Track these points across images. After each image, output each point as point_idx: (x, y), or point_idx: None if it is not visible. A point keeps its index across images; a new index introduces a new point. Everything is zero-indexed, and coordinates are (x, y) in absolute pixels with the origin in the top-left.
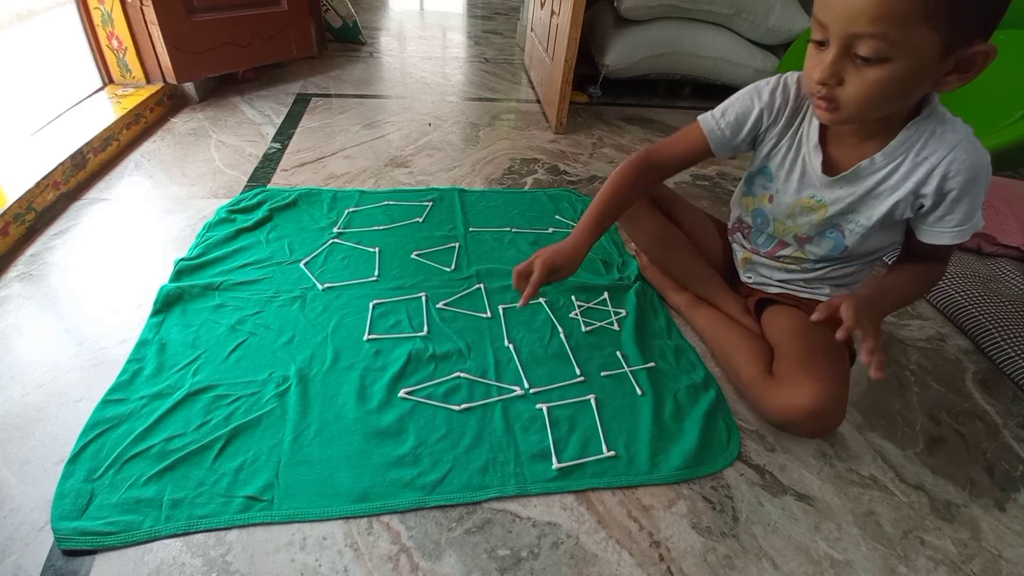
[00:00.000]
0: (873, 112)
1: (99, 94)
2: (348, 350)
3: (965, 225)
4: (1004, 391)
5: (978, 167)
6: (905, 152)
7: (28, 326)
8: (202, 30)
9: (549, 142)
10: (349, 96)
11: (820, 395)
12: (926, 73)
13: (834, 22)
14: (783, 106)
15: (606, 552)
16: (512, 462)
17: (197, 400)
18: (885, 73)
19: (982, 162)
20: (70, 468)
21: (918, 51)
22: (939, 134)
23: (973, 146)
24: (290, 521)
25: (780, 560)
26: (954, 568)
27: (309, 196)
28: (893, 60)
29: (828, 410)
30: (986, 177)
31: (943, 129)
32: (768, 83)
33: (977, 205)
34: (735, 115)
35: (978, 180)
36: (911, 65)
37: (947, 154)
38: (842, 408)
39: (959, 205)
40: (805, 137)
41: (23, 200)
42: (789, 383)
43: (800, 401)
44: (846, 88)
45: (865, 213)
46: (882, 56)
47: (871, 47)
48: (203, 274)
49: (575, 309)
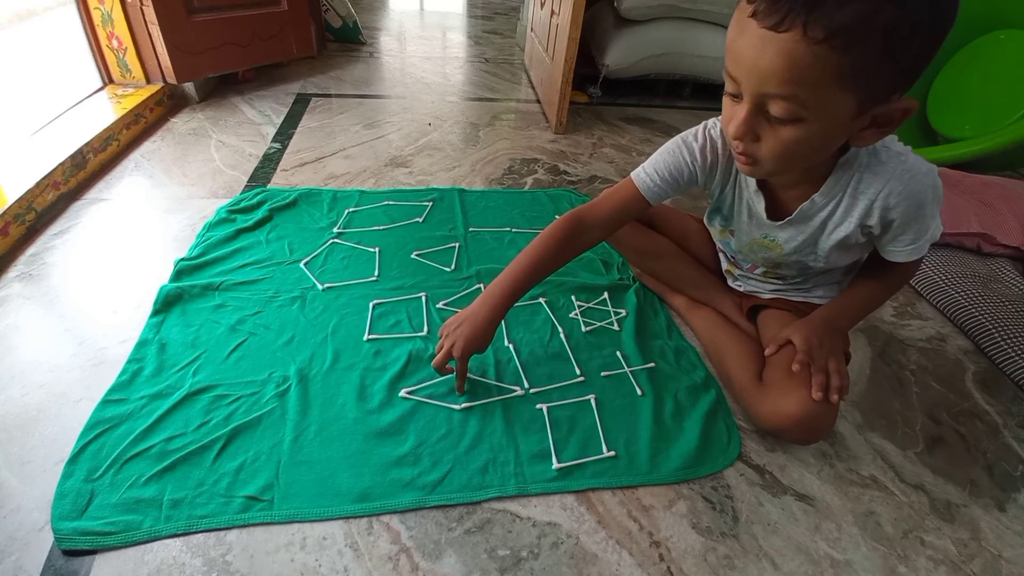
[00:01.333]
0: (791, 167)
1: (99, 94)
2: (348, 350)
3: (919, 242)
4: (1004, 391)
5: (917, 193)
6: (842, 189)
7: (28, 326)
8: (202, 30)
9: (549, 142)
10: (349, 96)
11: (808, 403)
12: (841, 130)
13: (745, 80)
14: (715, 163)
15: (606, 552)
16: (512, 462)
17: (197, 400)
18: (799, 133)
19: (921, 186)
20: (70, 468)
21: (831, 112)
22: (872, 167)
23: (909, 174)
24: (290, 521)
25: (780, 560)
26: (954, 568)
27: (309, 196)
28: (806, 120)
29: (816, 417)
30: (932, 198)
31: (875, 162)
32: (696, 139)
33: (927, 225)
34: (668, 172)
35: (922, 204)
36: (825, 125)
37: (882, 188)
38: (831, 415)
39: (908, 229)
40: (744, 183)
41: (23, 200)
42: (778, 390)
43: (788, 409)
44: (762, 145)
45: (820, 246)
46: (795, 117)
47: (783, 108)
48: (203, 274)
49: (575, 309)
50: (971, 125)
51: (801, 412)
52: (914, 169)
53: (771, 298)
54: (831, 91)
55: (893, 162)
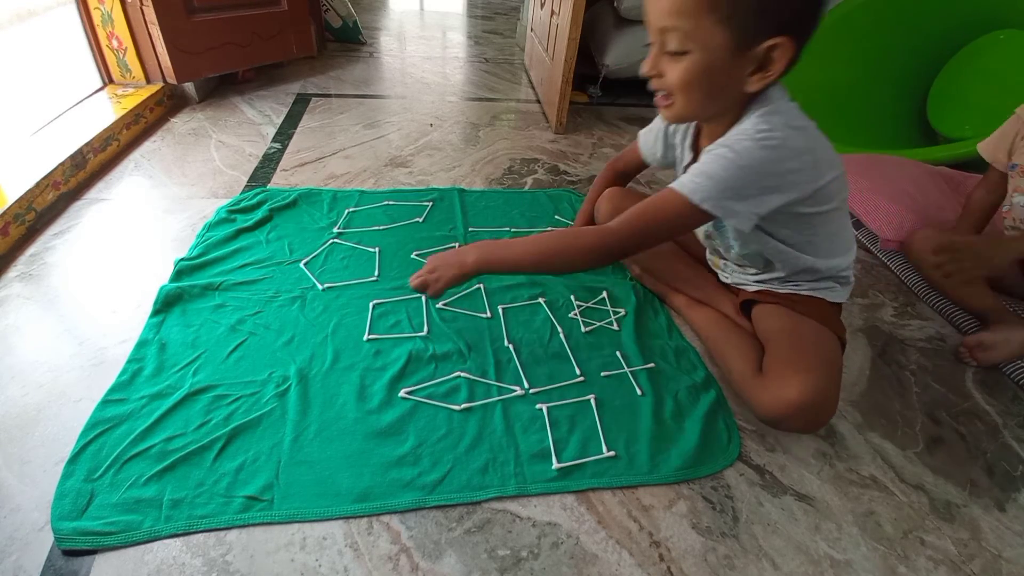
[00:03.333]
0: (696, 106)
1: (99, 94)
2: (348, 350)
3: (691, 174)
4: (1004, 391)
5: (739, 152)
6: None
7: (28, 326)
8: (202, 30)
9: (549, 142)
10: (349, 96)
11: (807, 388)
12: (725, 68)
13: (649, 21)
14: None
15: (606, 552)
16: (512, 462)
17: (197, 400)
18: (688, 64)
19: (748, 148)
20: (70, 468)
21: (709, 44)
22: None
23: (753, 127)
24: (290, 521)
25: (780, 560)
26: (954, 568)
27: (309, 196)
28: (691, 52)
29: (817, 402)
30: (747, 163)
31: (755, 116)
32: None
33: (712, 168)
34: (653, 130)
35: (735, 156)
36: (706, 58)
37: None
38: (832, 400)
39: (706, 158)
40: (680, 143)
41: (23, 200)
42: (776, 377)
43: (788, 395)
44: (666, 80)
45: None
46: (683, 49)
47: (673, 40)
48: (203, 274)
49: (574, 309)
50: (971, 125)
51: (800, 397)
52: (762, 126)
53: (756, 291)
54: (706, 22)
55: (751, 120)
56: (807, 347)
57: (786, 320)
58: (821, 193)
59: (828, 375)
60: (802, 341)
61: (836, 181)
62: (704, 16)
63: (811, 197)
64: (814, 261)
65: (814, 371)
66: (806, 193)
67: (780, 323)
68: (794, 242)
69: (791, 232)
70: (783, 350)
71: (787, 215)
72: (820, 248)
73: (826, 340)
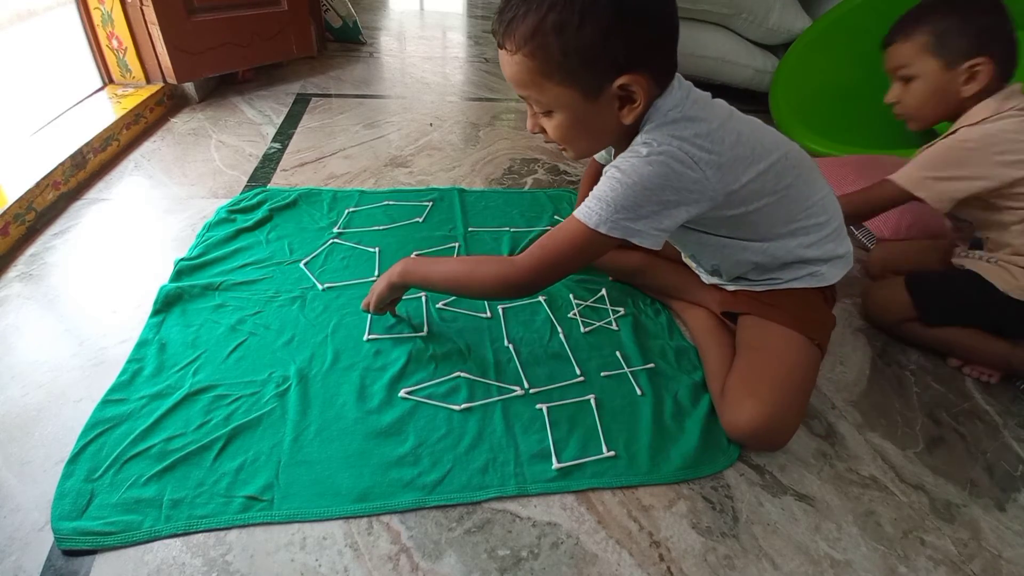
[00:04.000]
0: (586, 148)
1: (99, 94)
2: (348, 350)
3: (588, 199)
4: (1004, 391)
5: (626, 171)
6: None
7: (28, 326)
8: (202, 30)
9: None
10: (349, 96)
11: (755, 414)
12: (589, 114)
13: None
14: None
15: (606, 552)
16: (512, 462)
17: (197, 400)
18: (557, 121)
19: (634, 165)
20: (70, 468)
21: (564, 102)
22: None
23: (643, 149)
24: (290, 521)
25: (780, 560)
26: (954, 568)
27: (309, 196)
28: (554, 111)
29: (769, 427)
30: (635, 181)
31: (643, 133)
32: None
33: (603, 191)
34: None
35: (622, 175)
36: (568, 112)
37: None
38: (787, 423)
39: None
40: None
41: (23, 200)
42: (730, 401)
43: (738, 421)
44: (549, 135)
45: None
46: (546, 110)
47: (534, 104)
48: (203, 274)
49: (574, 308)
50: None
51: (750, 425)
52: (647, 141)
53: (734, 291)
54: (549, 86)
55: (639, 144)
56: (765, 368)
57: (755, 335)
58: (740, 195)
59: (781, 400)
60: (763, 360)
61: (762, 177)
62: (544, 83)
63: (727, 203)
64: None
65: (766, 396)
66: (717, 201)
67: (748, 337)
68: (739, 236)
69: (729, 231)
70: (742, 370)
71: (714, 220)
72: (772, 233)
73: (791, 356)
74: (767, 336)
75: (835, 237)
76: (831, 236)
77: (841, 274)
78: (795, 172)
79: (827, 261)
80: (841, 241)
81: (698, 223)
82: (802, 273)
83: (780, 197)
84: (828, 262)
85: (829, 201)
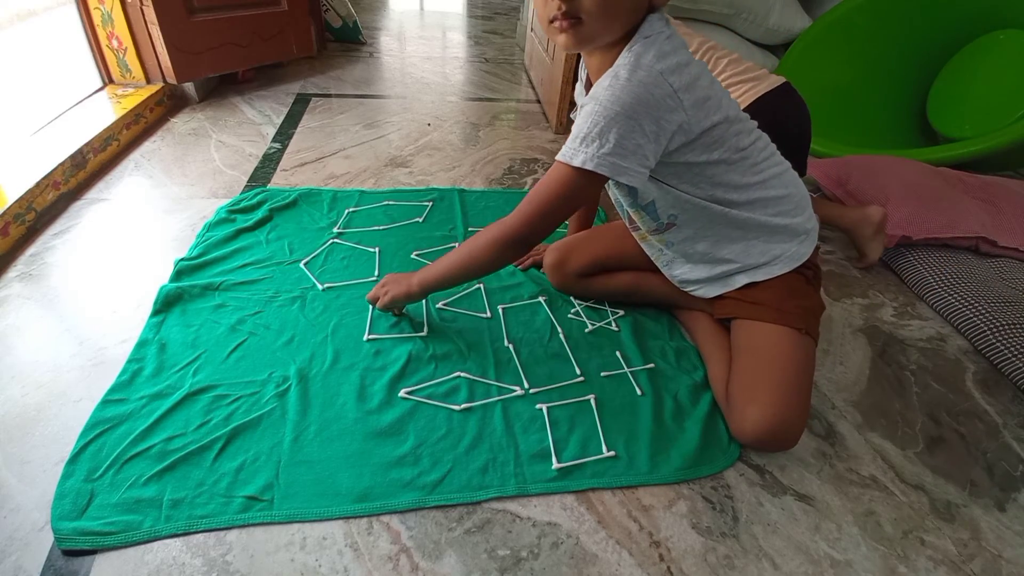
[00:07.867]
0: (608, 21)
1: (99, 94)
2: (348, 350)
3: (569, 139)
4: (1004, 391)
5: (604, 100)
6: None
7: (28, 326)
8: (202, 30)
9: (549, 142)
10: (349, 96)
11: (759, 422)
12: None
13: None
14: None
15: (606, 552)
16: (512, 462)
17: (197, 400)
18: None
19: (614, 95)
20: (70, 468)
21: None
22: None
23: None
24: (290, 521)
25: (780, 560)
26: (954, 568)
27: (309, 196)
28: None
29: (773, 433)
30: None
31: (626, 51)
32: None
33: (583, 129)
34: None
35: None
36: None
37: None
38: (795, 420)
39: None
40: (580, 96)
41: (23, 200)
42: (735, 408)
43: (745, 427)
44: (584, 2)
45: None
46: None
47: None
48: (203, 274)
49: (574, 308)
50: (971, 125)
51: (756, 430)
52: (638, 77)
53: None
54: None
55: (630, 57)
56: (760, 371)
57: (743, 337)
58: (709, 136)
59: (782, 401)
60: (756, 364)
61: (724, 125)
62: None
63: (698, 140)
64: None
65: (766, 400)
66: (691, 135)
67: (743, 340)
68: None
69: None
70: (739, 376)
71: (679, 166)
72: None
73: (784, 354)
74: (756, 337)
75: (798, 213)
76: (793, 212)
77: (810, 251)
78: (754, 139)
79: (795, 236)
80: (808, 217)
81: (663, 172)
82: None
83: (741, 158)
84: (796, 238)
85: (790, 177)
